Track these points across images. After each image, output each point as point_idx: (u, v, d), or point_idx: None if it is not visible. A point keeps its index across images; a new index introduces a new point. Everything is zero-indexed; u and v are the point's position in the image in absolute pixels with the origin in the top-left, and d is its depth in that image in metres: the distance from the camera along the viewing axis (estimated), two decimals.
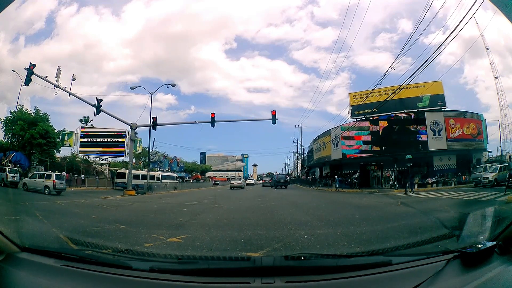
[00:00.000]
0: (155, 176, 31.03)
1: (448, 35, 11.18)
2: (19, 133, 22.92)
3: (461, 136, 25.81)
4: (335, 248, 4.43)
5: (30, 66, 17.03)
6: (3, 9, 1.84)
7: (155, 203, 13.48)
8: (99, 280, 1.53)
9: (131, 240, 5.13)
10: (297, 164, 59.54)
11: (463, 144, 25.72)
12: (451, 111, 27.17)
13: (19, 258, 1.72)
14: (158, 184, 27.96)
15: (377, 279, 1.52)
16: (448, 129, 25.77)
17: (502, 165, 19.68)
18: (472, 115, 27.17)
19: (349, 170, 29.74)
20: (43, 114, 24.91)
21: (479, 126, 26.76)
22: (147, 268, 1.59)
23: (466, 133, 25.96)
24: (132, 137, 22.82)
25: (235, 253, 4.21)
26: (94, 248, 3.16)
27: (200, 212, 9.86)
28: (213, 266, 1.77)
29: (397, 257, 1.98)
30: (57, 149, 26.98)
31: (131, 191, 20.08)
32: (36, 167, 22.57)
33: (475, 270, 1.52)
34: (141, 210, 10.85)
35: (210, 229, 6.37)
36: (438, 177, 24.57)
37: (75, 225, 6.69)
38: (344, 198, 16.32)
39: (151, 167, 35.44)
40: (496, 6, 1.99)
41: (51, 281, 1.54)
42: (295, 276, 1.54)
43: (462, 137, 25.82)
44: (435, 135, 25.73)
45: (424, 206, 10.68)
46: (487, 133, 28.09)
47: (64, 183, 17.76)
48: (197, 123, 23.49)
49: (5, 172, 18.17)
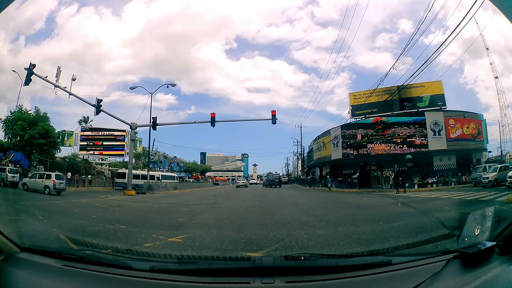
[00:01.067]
0: (155, 176, 31.01)
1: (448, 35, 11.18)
2: (19, 133, 22.92)
3: (461, 136, 25.81)
4: (335, 248, 4.43)
5: (30, 66, 17.03)
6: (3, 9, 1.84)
7: (155, 203, 13.48)
8: (99, 280, 1.53)
9: (131, 240, 5.13)
10: (297, 164, 59.57)
11: (463, 144, 25.72)
12: (451, 111, 27.16)
13: (19, 258, 1.72)
14: (158, 184, 27.95)
15: (377, 279, 1.52)
16: (448, 129, 25.77)
17: (502, 165, 19.64)
18: (472, 115, 27.16)
19: (349, 170, 29.73)
20: (43, 114, 24.91)
21: (479, 126, 26.76)
22: (147, 268, 1.59)
23: (466, 133, 25.96)
24: (132, 137, 22.82)
25: (235, 253, 4.21)
26: (94, 248, 3.16)
27: (200, 212, 9.86)
28: (213, 266, 1.78)
29: (397, 257, 1.98)
30: (57, 149, 26.99)
31: (131, 191, 20.08)
32: (36, 167, 22.57)
33: (475, 270, 1.52)
34: (141, 210, 10.84)
35: (210, 229, 6.37)
36: (438, 177, 24.56)
37: (75, 225, 6.70)
38: (344, 198, 16.32)
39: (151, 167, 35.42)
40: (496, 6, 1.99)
41: (51, 281, 1.54)
42: (295, 276, 1.54)
43: (462, 137, 25.82)
44: (435, 135, 25.73)
45: (424, 206, 10.68)
46: (487, 133, 28.09)
47: (64, 183, 17.75)
48: (197, 123, 23.52)
49: (5, 172, 18.16)
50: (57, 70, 18.77)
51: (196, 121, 23.80)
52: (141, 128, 23.16)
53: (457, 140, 25.76)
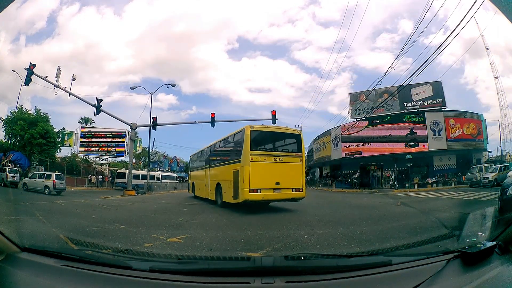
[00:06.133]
0: (155, 176, 31.05)
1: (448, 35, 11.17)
2: (19, 133, 22.95)
3: (461, 136, 25.82)
4: (335, 248, 4.43)
5: (30, 66, 16.99)
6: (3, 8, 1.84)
7: (155, 203, 13.48)
8: (99, 280, 1.52)
9: (131, 240, 5.13)
10: None
11: (463, 144, 25.74)
12: (451, 111, 27.19)
13: (19, 258, 1.71)
14: (158, 184, 27.99)
15: (377, 279, 1.52)
16: (448, 129, 25.79)
17: (502, 165, 19.63)
18: (472, 115, 27.18)
19: (349, 170, 29.75)
20: (43, 114, 24.99)
21: (479, 126, 26.77)
22: (147, 268, 1.59)
23: (466, 133, 25.98)
24: (132, 137, 22.82)
25: (235, 253, 4.21)
26: (94, 248, 3.16)
27: (200, 212, 9.86)
28: (213, 266, 1.78)
29: (397, 257, 1.98)
30: (57, 149, 27.05)
31: (131, 191, 20.09)
32: (36, 167, 22.60)
33: (475, 270, 1.52)
34: (141, 210, 10.84)
35: (210, 229, 6.38)
36: (438, 177, 24.57)
37: (75, 225, 6.69)
38: (344, 198, 16.32)
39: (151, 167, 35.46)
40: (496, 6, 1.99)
41: (51, 281, 1.54)
42: (295, 276, 1.54)
43: (462, 137, 25.84)
44: (435, 135, 25.74)
45: (424, 206, 10.68)
46: (487, 133, 28.12)
47: (64, 183, 17.76)
48: (197, 123, 23.50)
49: (5, 172, 18.19)
50: (57, 70, 18.74)
51: (196, 121, 23.81)
52: (141, 128, 23.20)
53: (457, 140, 25.78)
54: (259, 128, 10.16)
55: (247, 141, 9.52)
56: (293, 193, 9.93)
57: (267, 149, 10.08)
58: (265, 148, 10.06)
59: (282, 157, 10.01)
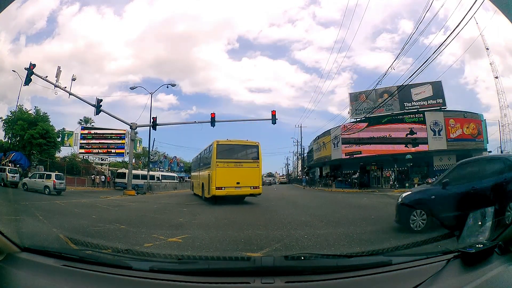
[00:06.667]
0: (155, 176, 31.00)
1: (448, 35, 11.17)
2: (19, 133, 22.93)
3: (461, 136, 25.79)
4: (335, 248, 4.43)
5: (30, 66, 16.96)
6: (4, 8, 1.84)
7: (155, 203, 13.47)
8: (99, 280, 1.52)
9: (131, 240, 5.13)
10: (297, 164, 59.53)
11: (463, 144, 25.69)
12: (451, 111, 27.14)
13: (19, 258, 1.71)
14: (158, 184, 27.96)
15: (377, 279, 1.52)
16: (448, 129, 25.75)
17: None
18: (472, 115, 27.14)
19: (349, 170, 29.74)
20: (43, 114, 24.94)
21: (479, 126, 26.74)
22: (147, 268, 1.59)
23: (466, 133, 25.94)
24: (132, 137, 22.81)
25: (235, 253, 4.21)
26: (94, 248, 3.16)
27: (200, 212, 9.86)
28: (213, 266, 1.78)
29: (397, 257, 1.99)
30: (57, 149, 27.04)
31: (131, 191, 20.07)
32: (36, 167, 22.58)
33: (475, 270, 1.52)
34: (141, 210, 10.84)
35: (210, 229, 6.38)
36: (438, 177, 24.52)
37: (75, 225, 6.69)
38: (344, 198, 16.31)
39: (151, 167, 35.42)
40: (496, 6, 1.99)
41: (51, 281, 1.54)
42: (295, 276, 1.54)
43: (462, 137, 25.80)
44: (435, 135, 25.72)
45: None
46: (487, 133, 28.05)
47: (64, 183, 17.75)
48: (197, 123, 23.48)
49: (5, 172, 18.15)
50: (57, 70, 18.71)
51: (196, 121, 23.78)
52: (142, 128, 23.19)
53: (457, 140, 25.74)
54: (224, 142, 12.94)
55: (214, 152, 12.46)
56: (251, 190, 12.57)
57: (230, 158, 12.74)
58: (228, 156, 12.72)
59: (242, 163, 12.82)
